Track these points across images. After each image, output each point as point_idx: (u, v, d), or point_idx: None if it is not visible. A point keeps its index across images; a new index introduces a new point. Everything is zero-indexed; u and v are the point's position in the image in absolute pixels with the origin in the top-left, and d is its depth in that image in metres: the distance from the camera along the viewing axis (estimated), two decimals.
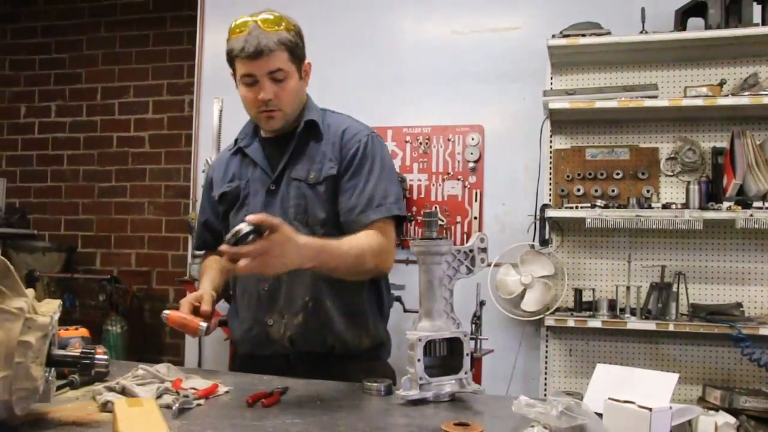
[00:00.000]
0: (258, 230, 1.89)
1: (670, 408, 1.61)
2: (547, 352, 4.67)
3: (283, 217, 2.26)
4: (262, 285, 2.46)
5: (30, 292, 1.63)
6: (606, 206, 4.40)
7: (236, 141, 2.67)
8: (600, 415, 1.66)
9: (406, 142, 5.16)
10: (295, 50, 2.41)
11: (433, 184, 5.11)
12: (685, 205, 4.29)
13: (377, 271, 2.43)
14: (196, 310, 2.33)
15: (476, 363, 4.36)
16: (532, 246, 4.63)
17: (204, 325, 2.25)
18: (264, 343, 2.49)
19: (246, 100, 2.46)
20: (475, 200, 5.04)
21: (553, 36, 4.50)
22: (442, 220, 5.02)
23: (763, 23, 4.23)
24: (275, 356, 2.49)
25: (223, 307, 2.60)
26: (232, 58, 2.41)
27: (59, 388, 1.92)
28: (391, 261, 2.47)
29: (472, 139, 5.06)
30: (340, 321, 2.46)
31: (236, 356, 2.79)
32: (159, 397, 1.88)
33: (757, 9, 4.26)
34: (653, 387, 1.75)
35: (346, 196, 2.47)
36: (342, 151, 2.51)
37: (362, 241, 2.32)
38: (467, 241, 2.12)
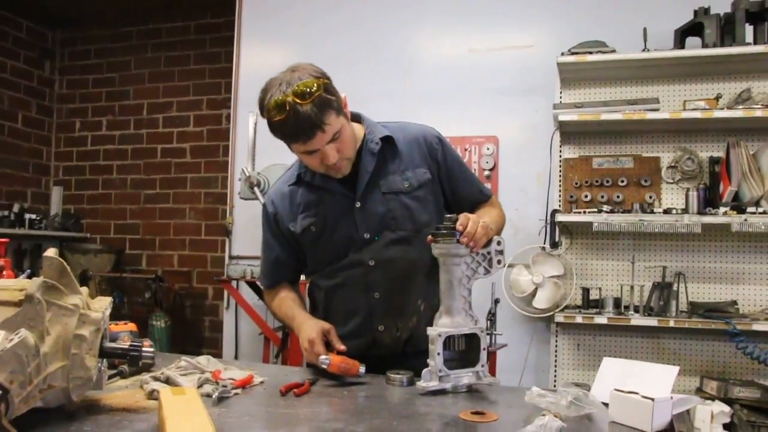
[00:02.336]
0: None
1: (671, 398, 1.65)
2: (556, 346, 4.67)
3: (381, 229, 2.35)
4: (373, 293, 2.35)
5: (84, 290, 1.65)
6: (611, 211, 4.42)
7: (299, 176, 2.43)
8: (606, 404, 1.70)
9: None
10: (336, 104, 2.18)
11: None
12: (685, 211, 4.31)
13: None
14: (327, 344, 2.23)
15: (491, 356, 4.36)
16: (543, 248, 4.64)
17: (363, 367, 2.10)
18: (369, 348, 2.36)
19: (310, 164, 2.30)
20: None
21: (563, 53, 4.52)
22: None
23: (755, 42, 4.24)
24: (373, 357, 2.32)
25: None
26: (282, 139, 2.23)
27: (110, 377, 1.93)
28: None
29: (488, 148, 5.08)
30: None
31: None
32: (200, 386, 1.88)
33: (749, 29, 4.27)
34: (655, 379, 1.77)
35: (463, 185, 2.55)
36: (430, 154, 2.48)
37: (497, 205, 2.60)
38: None
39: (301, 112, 2.09)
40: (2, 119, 7.45)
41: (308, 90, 2.10)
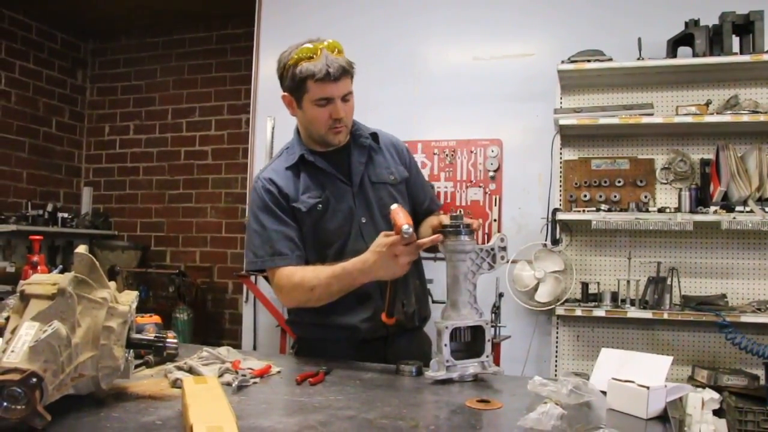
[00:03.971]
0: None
1: (665, 386, 1.64)
2: (557, 337, 4.66)
3: (373, 215, 2.40)
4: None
5: (112, 284, 1.66)
6: (609, 210, 4.41)
7: (301, 156, 2.42)
8: (604, 392, 1.69)
9: (434, 154, 5.18)
10: (353, 74, 2.36)
11: (458, 191, 5.12)
12: (678, 210, 4.30)
13: None
14: None
15: (496, 347, 4.36)
16: (545, 245, 4.62)
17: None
18: (377, 329, 2.34)
19: (317, 119, 2.33)
20: (495, 205, 5.05)
21: (563, 62, 4.50)
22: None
23: (742, 52, 4.23)
24: (376, 339, 2.38)
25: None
26: (305, 81, 2.27)
27: (137, 366, 1.94)
28: None
29: (492, 151, 5.07)
30: (423, 299, 2.54)
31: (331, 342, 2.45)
32: (221, 375, 1.88)
33: (736, 40, 4.27)
34: (650, 368, 1.76)
35: (419, 191, 2.62)
36: (401, 159, 2.58)
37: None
38: (488, 241, 2.11)
39: (332, 57, 2.25)
40: (38, 124, 7.50)
41: (338, 48, 2.31)
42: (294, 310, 2.51)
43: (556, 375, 4.40)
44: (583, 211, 4.48)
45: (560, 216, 4.53)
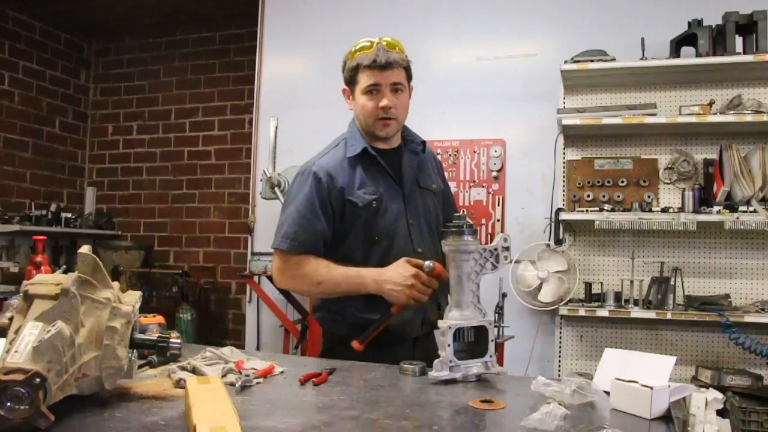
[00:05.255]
0: None
1: (669, 386, 1.64)
2: (560, 338, 4.66)
3: (419, 217, 2.45)
4: None
5: (115, 284, 1.65)
6: (612, 210, 4.43)
7: (364, 149, 2.46)
8: (608, 392, 1.68)
9: (438, 153, 5.17)
10: (409, 70, 2.45)
11: (461, 191, 5.12)
12: (681, 209, 4.30)
13: None
14: None
15: (499, 348, 4.37)
16: (548, 245, 4.62)
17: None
18: (412, 329, 2.40)
19: (366, 108, 2.41)
20: (498, 205, 5.05)
21: (566, 62, 4.51)
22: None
23: (745, 52, 4.24)
24: (407, 339, 2.41)
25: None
26: (356, 71, 2.40)
27: (140, 366, 1.93)
28: None
29: (495, 151, 5.07)
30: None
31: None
32: (224, 375, 1.86)
33: (739, 40, 4.27)
34: (654, 368, 1.76)
35: (450, 208, 2.69)
36: (439, 169, 2.74)
37: None
38: (491, 241, 2.12)
39: (385, 49, 2.37)
40: (41, 124, 7.51)
41: (397, 45, 2.43)
42: (327, 305, 2.52)
43: (559, 375, 4.39)
44: (587, 211, 4.48)
45: (563, 216, 4.53)
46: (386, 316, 2.23)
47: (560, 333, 4.66)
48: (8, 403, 1.26)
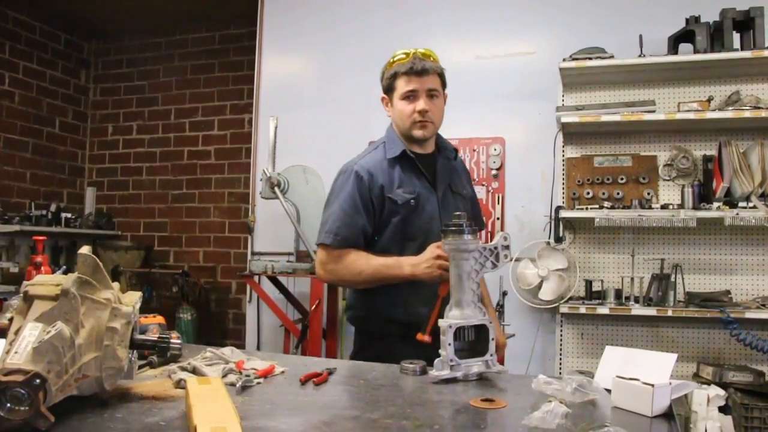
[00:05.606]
0: None
1: (670, 384, 1.63)
2: (561, 336, 4.66)
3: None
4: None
5: (115, 285, 1.66)
6: (612, 207, 4.41)
7: (404, 151, 2.63)
8: (609, 390, 1.69)
9: None
10: (443, 77, 2.66)
11: None
12: (681, 206, 4.30)
13: None
14: None
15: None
16: (548, 243, 4.62)
17: None
18: (419, 322, 2.35)
19: (404, 112, 2.59)
20: (498, 203, 5.05)
21: (564, 59, 4.51)
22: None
23: (742, 48, 4.24)
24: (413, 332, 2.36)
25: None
26: (394, 78, 2.60)
27: (140, 367, 1.94)
28: None
29: (495, 149, 5.07)
30: None
31: (379, 336, 2.62)
32: (224, 376, 1.87)
33: (736, 36, 4.28)
34: (655, 365, 1.76)
35: (477, 211, 2.93)
36: (468, 178, 2.94)
37: None
38: (492, 240, 2.12)
39: (420, 58, 2.57)
40: (41, 125, 7.50)
41: (431, 56, 2.63)
42: (359, 303, 2.69)
43: (560, 373, 4.40)
44: (586, 208, 4.47)
45: (563, 214, 4.53)
46: (437, 300, 2.22)
47: (561, 331, 4.66)
48: (8, 404, 1.26)
